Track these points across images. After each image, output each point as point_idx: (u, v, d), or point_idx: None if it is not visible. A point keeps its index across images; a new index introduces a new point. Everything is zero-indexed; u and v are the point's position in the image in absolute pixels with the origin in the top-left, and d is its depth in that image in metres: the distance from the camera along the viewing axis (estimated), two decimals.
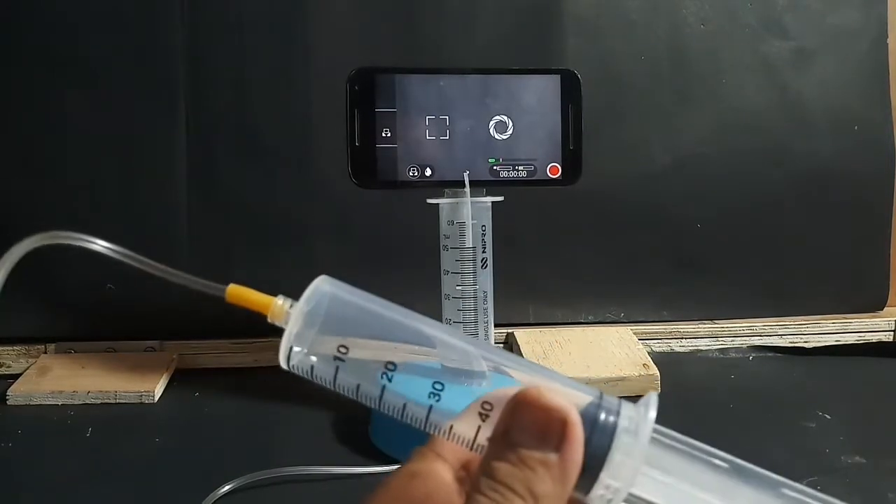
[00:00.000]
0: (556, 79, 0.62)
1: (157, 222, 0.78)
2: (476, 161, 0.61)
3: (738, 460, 0.28)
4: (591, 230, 0.83)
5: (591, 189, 0.82)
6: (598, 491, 0.27)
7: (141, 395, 0.69)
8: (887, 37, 0.85)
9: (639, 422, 0.27)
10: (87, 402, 0.69)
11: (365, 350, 0.30)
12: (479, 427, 0.28)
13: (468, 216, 0.61)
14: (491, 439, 0.27)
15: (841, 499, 0.27)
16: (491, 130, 0.62)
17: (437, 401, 0.29)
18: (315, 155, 0.79)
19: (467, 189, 0.61)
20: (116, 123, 0.76)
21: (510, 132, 0.62)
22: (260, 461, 0.57)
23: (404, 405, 0.30)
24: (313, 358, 0.29)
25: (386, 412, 0.30)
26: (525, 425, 0.26)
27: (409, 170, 0.61)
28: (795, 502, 0.27)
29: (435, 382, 0.29)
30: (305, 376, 0.30)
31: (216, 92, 0.78)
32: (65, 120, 0.76)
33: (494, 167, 0.62)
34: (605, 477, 0.26)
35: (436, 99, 0.61)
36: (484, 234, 0.62)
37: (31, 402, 0.68)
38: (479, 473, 0.26)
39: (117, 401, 0.69)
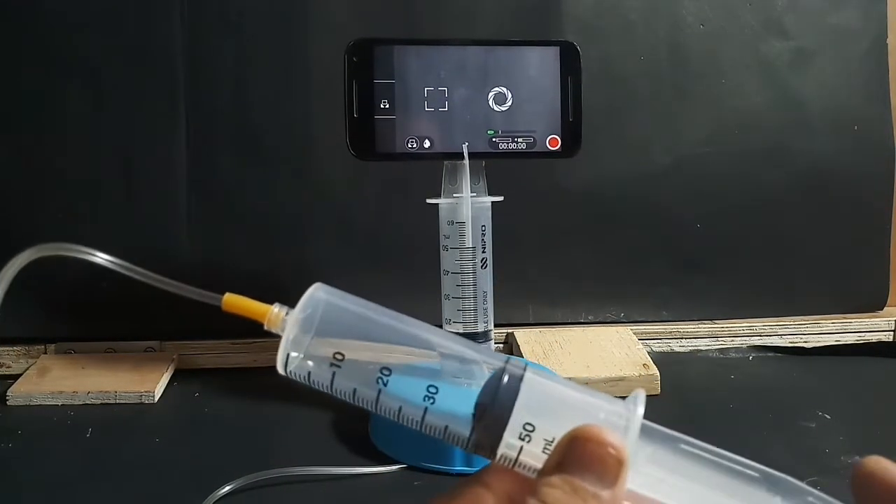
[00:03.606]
0: (555, 50, 0.61)
1: (157, 222, 0.78)
2: (475, 133, 0.61)
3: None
4: (591, 230, 0.83)
5: (591, 189, 0.82)
6: (501, 450, 0.28)
7: (141, 396, 0.69)
8: (887, 37, 0.86)
9: (628, 418, 0.28)
10: (87, 402, 0.69)
11: (360, 355, 0.30)
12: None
13: (468, 216, 0.61)
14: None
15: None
16: (490, 102, 0.61)
17: (432, 403, 0.30)
18: (315, 155, 0.79)
19: (466, 161, 0.60)
20: (116, 123, 0.76)
21: (509, 104, 0.61)
22: (260, 461, 0.57)
23: (400, 408, 0.30)
24: (310, 363, 0.30)
25: (383, 415, 0.31)
26: (584, 460, 0.27)
27: (408, 141, 0.60)
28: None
29: (429, 385, 0.30)
30: (303, 382, 0.31)
31: (216, 92, 0.78)
32: (65, 120, 0.76)
33: (493, 139, 0.61)
34: (507, 436, 0.28)
35: (434, 70, 0.60)
36: (484, 234, 0.62)
37: (31, 403, 0.68)
38: (528, 496, 0.26)
39: (117, 401, 0.69)
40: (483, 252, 0.62)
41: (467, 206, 0.61)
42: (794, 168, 0.85)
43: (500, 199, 0.62)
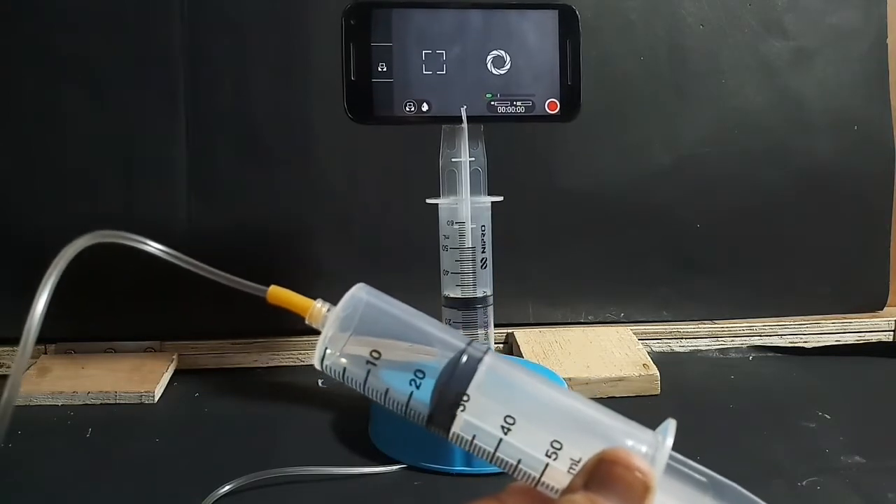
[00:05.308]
0: (554, 14, 0.61)
1: (157, 221, 0.78)
2: (473, 96, 0.60)
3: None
4: (591, 230, 0.83)
5: (591, 189, 0.82)
6: (455, 430, 0.29)
7: (141, 396, 0.69)
8: (887, 37, 0.86)
9: (657, 448, 0.28)
10: (87, 402, 0.68)
11: (397, 356, 0.30)
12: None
13: (468, 216, 0.61)
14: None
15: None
16: (488, 65, 0.61)
17: (462, 410, 0.30)
18: (315, 155, 0.79)
19: (464, 125, 0.60)
20: (116, 123, 0.76)
21: (508, 67, 0.61)
22: (260, 461, 0.57)
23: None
24: (345, 361, 0.31)
25: (412, 420, 0.31)
26: (610, 481, 0.27)
27: (406, 105, 0.60)
28: None
29: (462, 394, 0.30)
30: (337, 378, 0.31)
31: (216, 92, 0.78)
32: (65, 120, 0.76)
33: (492, 102, 0.61)
34: (461, 415, 0.29)
35: (432, 33, 0.60)
36: (484, 235, 0.62)
37: (31, 403, 0.68)
38: None
39: (117, 401, 0.69)
40: (483, 252, 0.62)
41: (467, 207, 0.61)
42: (794, 168, 0.85)
43: (500, 199, 0.62)
